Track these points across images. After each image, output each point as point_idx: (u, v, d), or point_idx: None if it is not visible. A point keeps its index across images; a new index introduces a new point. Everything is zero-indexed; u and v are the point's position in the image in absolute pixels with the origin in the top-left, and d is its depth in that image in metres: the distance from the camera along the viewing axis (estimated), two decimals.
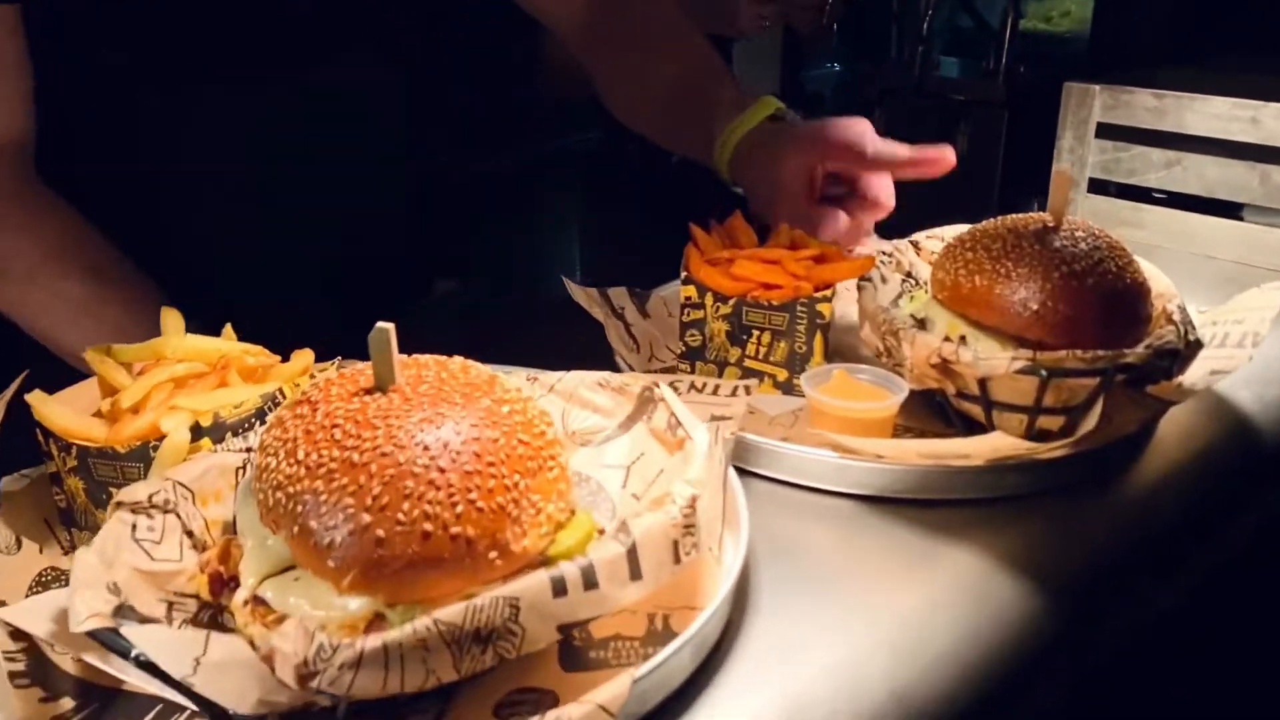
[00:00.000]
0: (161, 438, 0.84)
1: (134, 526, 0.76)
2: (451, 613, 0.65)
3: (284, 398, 0.91)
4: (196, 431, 0.85)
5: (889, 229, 1.44)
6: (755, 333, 1.19)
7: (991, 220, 1.15)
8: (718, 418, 0.95)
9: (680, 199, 1.43)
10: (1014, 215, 1.15)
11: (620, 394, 0.95)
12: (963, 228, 1.33)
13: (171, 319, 0.97)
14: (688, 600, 0.84)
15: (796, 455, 1.02)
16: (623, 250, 1.92)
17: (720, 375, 1.22)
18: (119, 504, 0.77)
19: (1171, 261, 1.26)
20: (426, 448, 0.71)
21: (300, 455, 0.72)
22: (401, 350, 0.81)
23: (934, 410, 1.14)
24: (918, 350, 1.04)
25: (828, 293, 1.17)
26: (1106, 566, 0.97)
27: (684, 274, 1.21)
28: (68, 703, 0.74)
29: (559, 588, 0.68)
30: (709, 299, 1.19)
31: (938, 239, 1.36)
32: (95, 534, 0.83)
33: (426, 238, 1.59)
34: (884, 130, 1.36)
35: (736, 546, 0.86)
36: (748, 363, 1.21)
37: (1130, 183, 1.75)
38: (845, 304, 1.32)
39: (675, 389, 1.02)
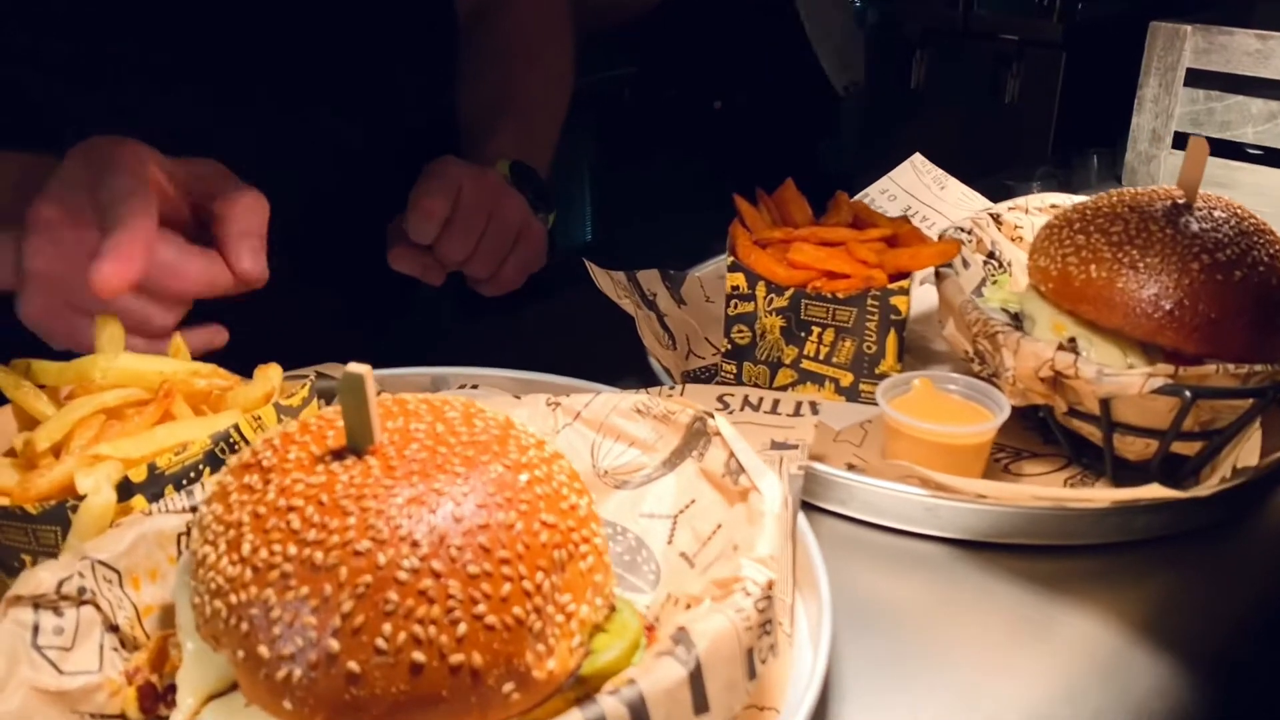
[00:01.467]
0: (83, 495, 0.66)
1: (35, 629, 0.58)
2: None
3: (240, 438, 0.72)
4: (125, 488, 0.66)
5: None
6: (816, 329, 1.00)
7: (1105, 195, 0.95)
8: (779, 445, 0.77)
9: (722, 156, 1.24)
10: (1133, 190, 0.95)
11: (664, 423, 0.76)
12: (1055, 197, 1.14)
13: (108, 330, 0.77)
14: (755, 697, 0.66)
15: (874, 490, 0.84)
16: (648, 217, 1.72)
17: (773, 378, 1.03)
18: (16, 599, 0.58)
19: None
20: (415, 543, 0.52)
21: (245, 550, 0.53)
22: (388, 338, 0.63)
23: (1031, 425, 0.95)
24: (1023, 360, 0.85)
25: (904, 284, 0.97)
26: (1266, 623, 0.79)
27: (730, 259, 1.02)
28: None
29: None
30: (760, 289, 1.00)
31: (1021, 210, 1.16)
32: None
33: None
34: (924, 78, 1.18)
35: (815, 623, 0.68)
36: (806, 364, 1.02)
37: (1223, 137, 1.54)
38: (915, 287, 1.13)
39: (725, 404, 0.84)
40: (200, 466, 0.70)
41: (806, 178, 1.12)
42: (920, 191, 1.35)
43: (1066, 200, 1.14)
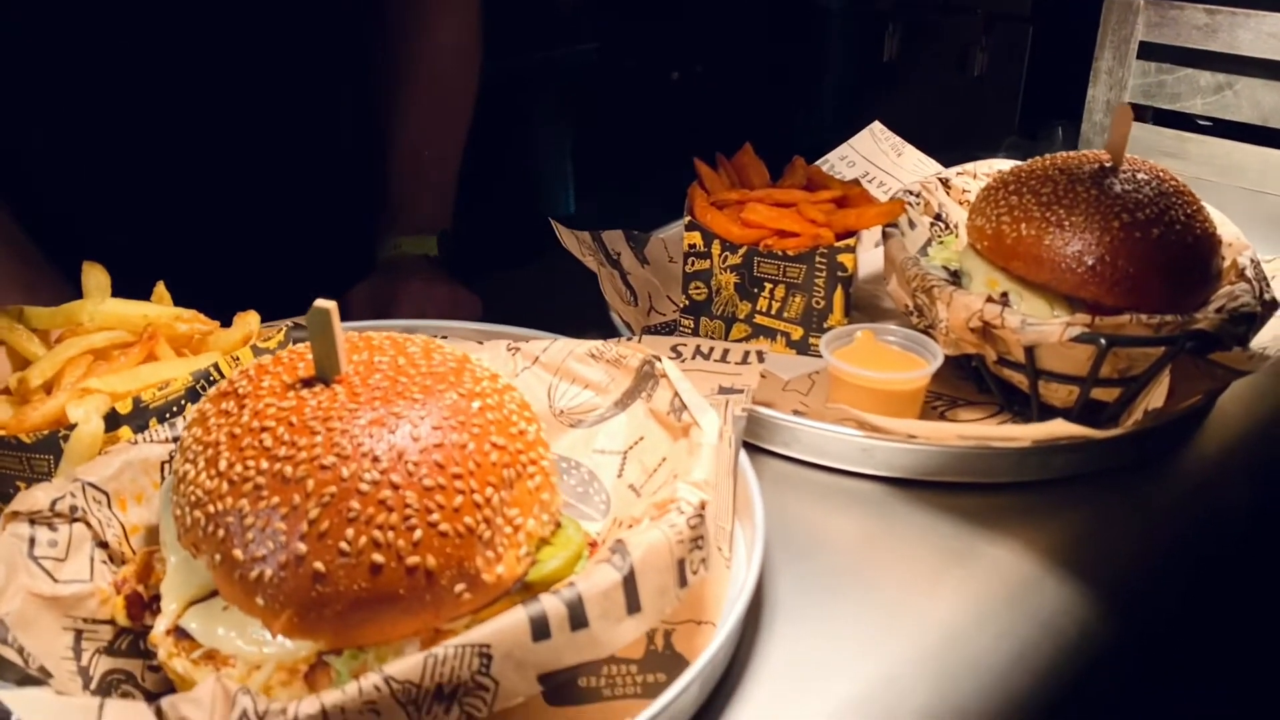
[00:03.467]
0: (74, 425, 0.71)
1: (31, 541, 0.63)
2: (407, 667, 0.53)
3: (220, 376, 0.78)
4: (113, 419, 0.72)
5: None
6: (768, 286, 1.06)
7: (1039, 159, 1.01)
8: (726, 390, 0.82)
9: (684, 124, 1.28)
10: (1065, 154, 1.01)
11: (616, 367, 0.82)
12: (1001, 163, 1.20)
13: (95, 276, 0.82)
14: (693, 612, 0.72)
15: (816, 432, 0.90)
16: (617, 182, 1.77)
17: (728, 332, 1.09)
18: (13, 514, 0.64)
19: (1219, 198, 1.12)
20: (376, 458, 0.58)
21: (222, 465, 0.59)
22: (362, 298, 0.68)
23: (966, 375, 1.02)
24: (955, 312, 0.91)
25: (850, 242, 1.03)
26: (1168, 558, 0.86)
27: (688, 218, 1.07)
28: None
29: (540, 629, 0.55)
30: (716, 247, 1.05)
31: (970, 175, 1.22)
32: None
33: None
34: (897, 51, 1.23)
35: (750, 546, 0.74)
36: (759, 319, 1.08)
37: (1174, 109, 1.60)
38: (866, 250, 1.19)
39: (678, 354, 0.89)
40: (182, 401, 0.76)
41: (777, 148, 1.17)
42: (878, 158, 1.41)
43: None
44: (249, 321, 0.84)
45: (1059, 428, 0.81)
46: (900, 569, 0.81)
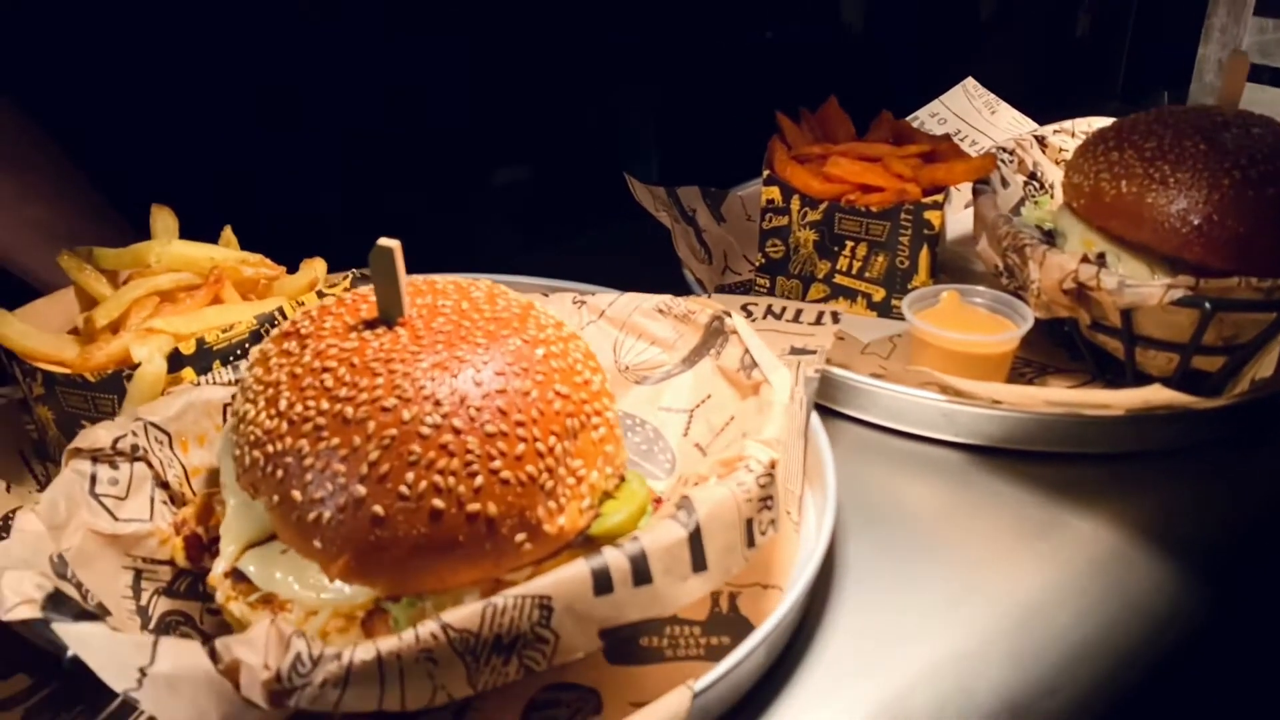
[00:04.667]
0: (139, 364, 0.71)
1: (93, 479, 0.63)
2: (466, 615, 0.51)
3: (284, 320, 0.76)
4: (176, 360, 0.71)
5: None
6: (849, 244, 1.02)
7: (1143, 112, 0.95)
8: (799, 350, 0.79)
9: (771, 83, 1.24)
10: (1172, 106, 0.94)
11: (684, 323, 0.80)
12: (1101, 121, 1.14)
13: (162, 219, 0.82)
14: (760, 575, 0.69)
15: (894, 396, 0.86)
16: (705, 143, 1.74)
17: (805, 292, 1.05)
18: (76, 451, 0.64)
19: None
20: (438, 402, 0.56)
21: (282, 405, 0.58)
22: (438, 254, 0.68)
23: (1059, 340, 0.96)
24: (1048, 272, 0.86)
25: (938, 198, 0.98)
26: (1270, 539, 0.80)
27: (766, 172, 1.04)
28: (21, 681, 0.63)
29: (602, 583, 0.53)
30: (795, 203, 1.02)
31: (1067, 134, 1.16)
32: None
33: (481, 118, 1.41)
34: (994, 10, 1.16)
35: (821, 511, 0.71)
36: (838, 279, 1.04)
37: None
38: (955, 211, 1.14)
39: (749, 313, 0.86)
40: (246, 344, 0.75)
41: (867, 110, 1.13)
42: (970, 116, 1.35)
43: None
44: (315, 267, 0.83)
45: (1156, 394, 0.76)
46: (979, 539, 0.77)
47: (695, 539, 0.56)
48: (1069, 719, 0.66)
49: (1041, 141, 1.14)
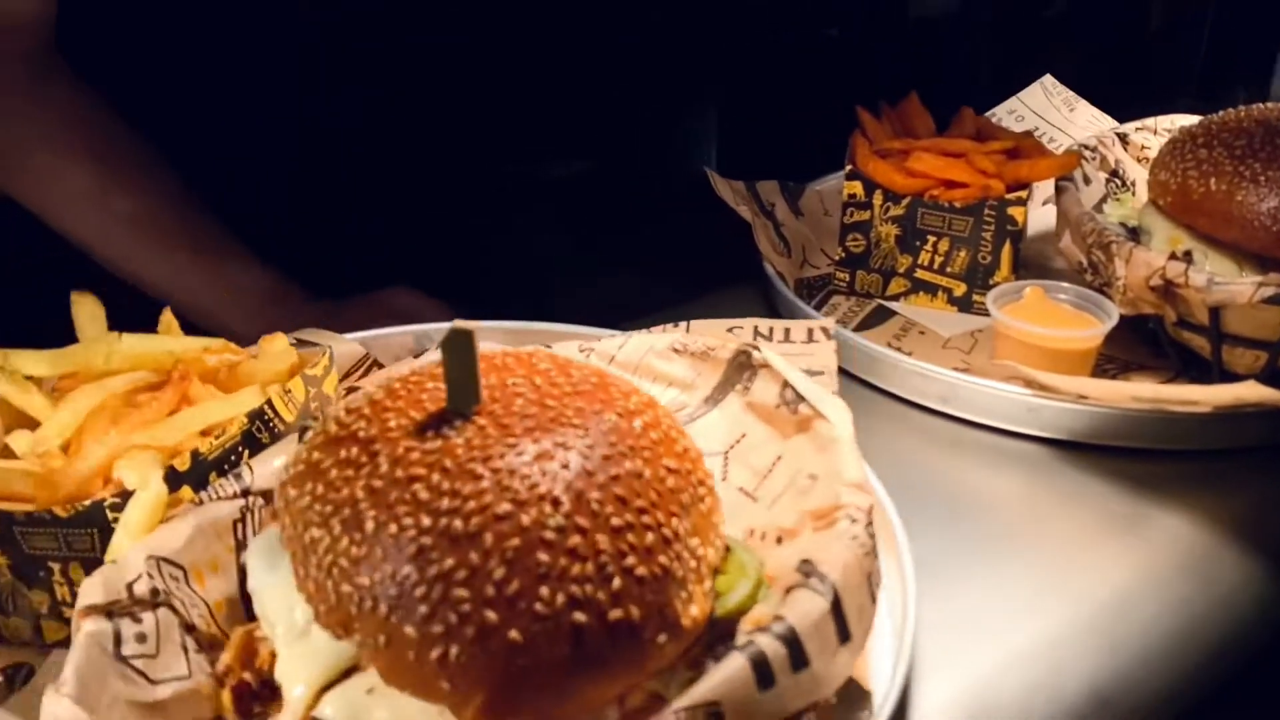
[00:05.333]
0: (122, 492, 0.60)
1: (117, 638, 0.53)
2: None
3: (275, 415, 0.68)
4: (173, 478, 0.61)
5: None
6: (931, 239, 1.02)
7: (1232, 110, 0.95)
8: (809, 372, 0.73)
9: (840, 81, 1.25)
10: (1262, 105, 0.94)
11: (703, 360, 0.73)
12: (1185, 118, 1.13)
13: (87, 307, 0.69)
14: None
15: (978, 390, 0.87)
16: (766, 138, 1.74)
17: (885, 286, 1.06)
18: (88, 610, 0.54)
19: None
20: (556, 500, 0.50)
21: (369, 527, 0.50)
22: (497, 258, 0.71)
23: (1142, 337, 0.96)
24: (1134, 269, 0.86)
25: (1022, 194, 0.99)
26: None
27: (848, 167, 1.04)
28: None
29: (764, 675, 0.49)
30: (878, 197, 1.03)
31: (1150, 131, 1.16)
32: (28, 621, 0.63)
33: (544, 113, 1.43)
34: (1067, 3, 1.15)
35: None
36: (919, 273, 1.04)
37: None
38: (1035, 207, 1.14)
39: (735, 335, 0.79)
40: (239, 448, 0.66)
41: (939, 107, 1.13)
42: (1049, 113, 1.34)
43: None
44: (282, 347, 0.73)
45: (1250, 391, 0.76)
46: (1064, 533, 0.78)
47: (837, 607, 0.52)
48: (1156, 711, 0.67)
49: (1123, 139, 1.14)
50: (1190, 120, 1.13)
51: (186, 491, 0.62)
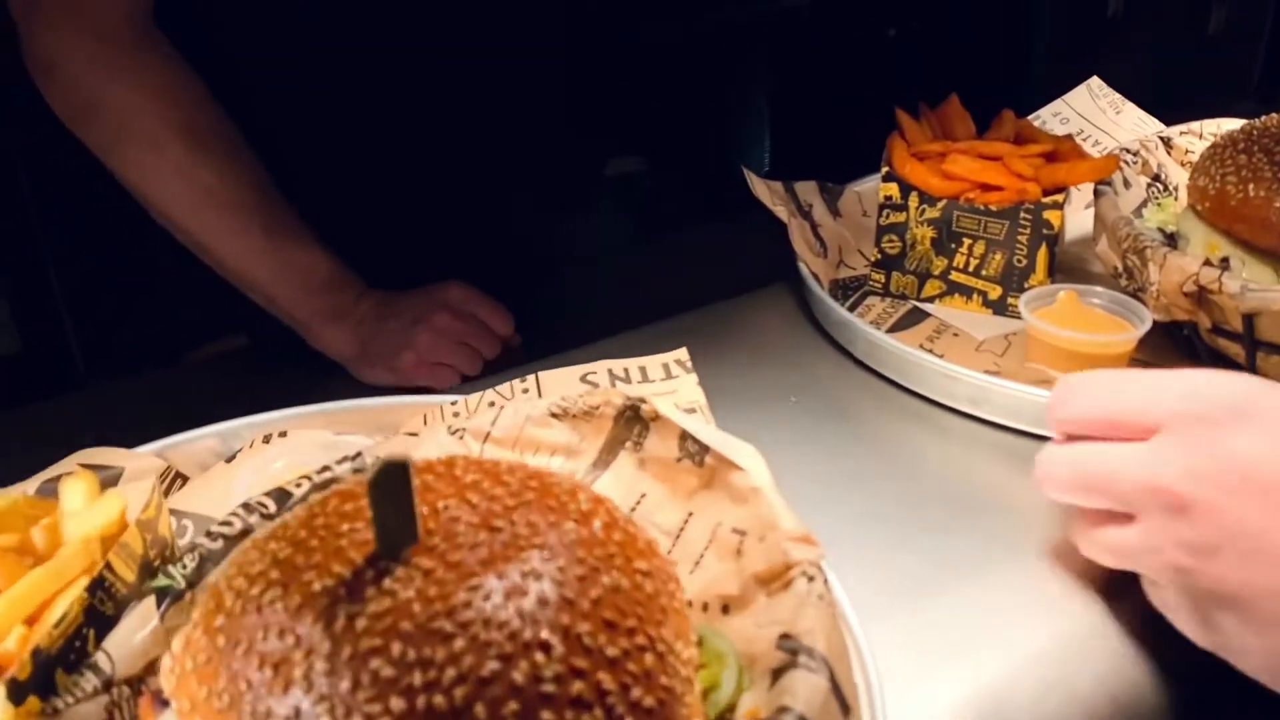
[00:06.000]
0: None
1: None
2: None
3: (115, 578, 0.56)
4: (15, 691, 0.49)
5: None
6: (967, 241, 1.02)
7: (1275, 115, 0.94)
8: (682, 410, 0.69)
9: (891, 82, 1.26)
10: None
11: (586, 421, 0.67)
12: (1230, 123, 1.12)
13: None
14: None
15: (1009, 393, 0.87)
16: (818, 139, 1.75)
17: (921, 288, 1.06)
18: None
19: None
20: (545, 644, 0.43)
21: None
22: (548, 256, 0.67)
23: (1178, 345, 0.96)
24: (1168, 274, 0.86)
25: (1058, 198, 0.98)
26: None
27: (885, 169, 1.05)
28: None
29: None
30: (913, 199, 1.03)
31: (1195, 135, 1.14)
32: None
33: (594, 117, 1.45)
34: (1123, 5, 1.14)
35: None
36: (954, 275, 1.05)
37: None
38: (1076, 212, 1.13)
39: (590, 381, 0.76)
40: (84, 631, 0.53)
41: (990, 110, 1.13)
42: (1095, 116, 1.33)
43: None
44: (92, 492, 0.63)
45: None
46: None
47: (834, 682, 0.50)
48: (1175, 715, 0.67)
49: (1167, 143, 1.13)
50: (1234, 124, 1.12)
51: (33, 703, 0.49)
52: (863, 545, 0.75)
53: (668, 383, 0.73)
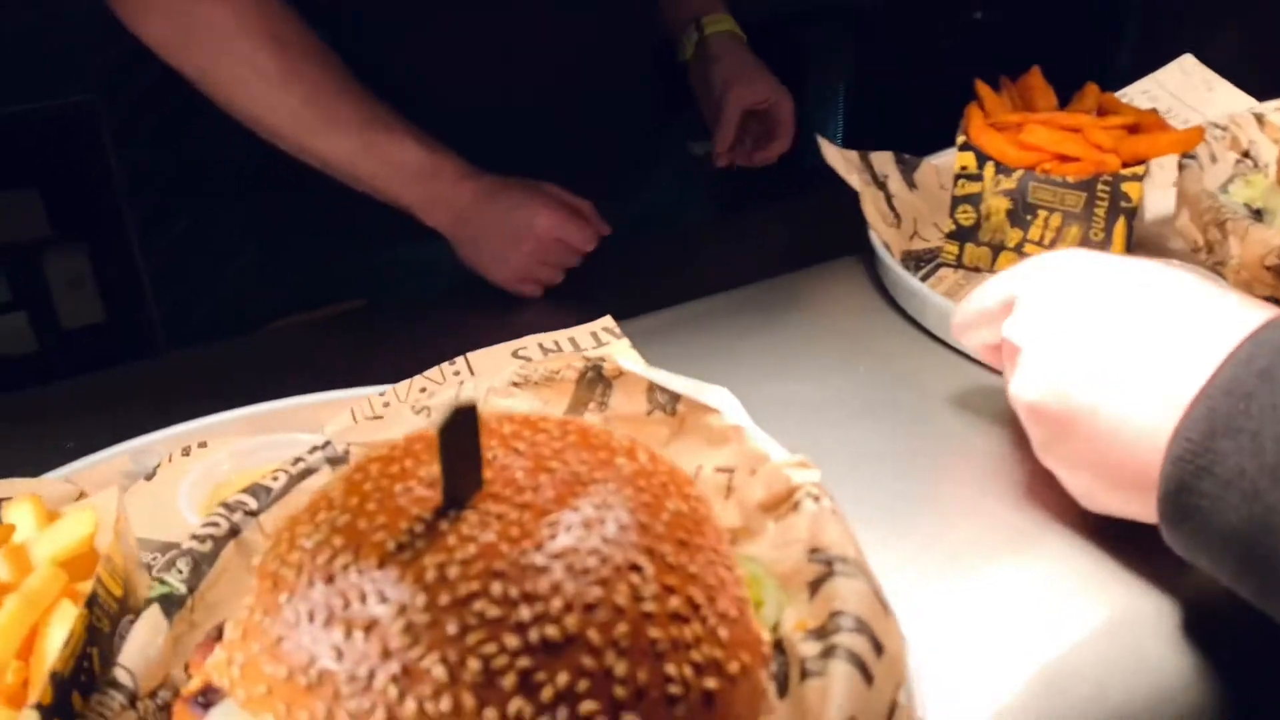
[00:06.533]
0: None
1: None
2: None
3: (107, 592, 0.54)
4: (46, 716, 0.47)
5: None
6: (1042, 213, 1.01)
7: None
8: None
9: (975, 64, 1.25)
10: None
11: (548, 387, 0.67)
12: None
13: None
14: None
15: None
16: (894, 123, 1.73)
17: (994, 259, 1.05)
18: None
19: None
20: (638, 567, 0.44)
21: (439, 674, 0.41)
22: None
23: None
24: (1249, 247, 0.83)
25: (1138, 169, 0.96)
26: None
27: (961, 138, 1.04)
28: None
29: (866, 674, 0.47)
30: (989, 170, 1.01)
31: None
32: None
33: (672, 96, 1.47)
34: None
35: None
36: (1029, 248, 1.03)
37: None
38: (1160, 187, 1.11)
39: (522, 356, 0.76)
40: (88, 649, 0.52)
41: (1066, 84, 1.11)
42: (1185, 93, 1.30)
43: None
44: (39, 513, 0.61)
45: None
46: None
47: (869, 577, 0.51)
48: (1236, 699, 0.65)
49: (1260, 119, 1.09)
50: None
51: None
52: (931, 513, 0.76)
53: (599, 350, 0.72)
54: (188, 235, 1.66)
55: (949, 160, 1.21)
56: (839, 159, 1.09)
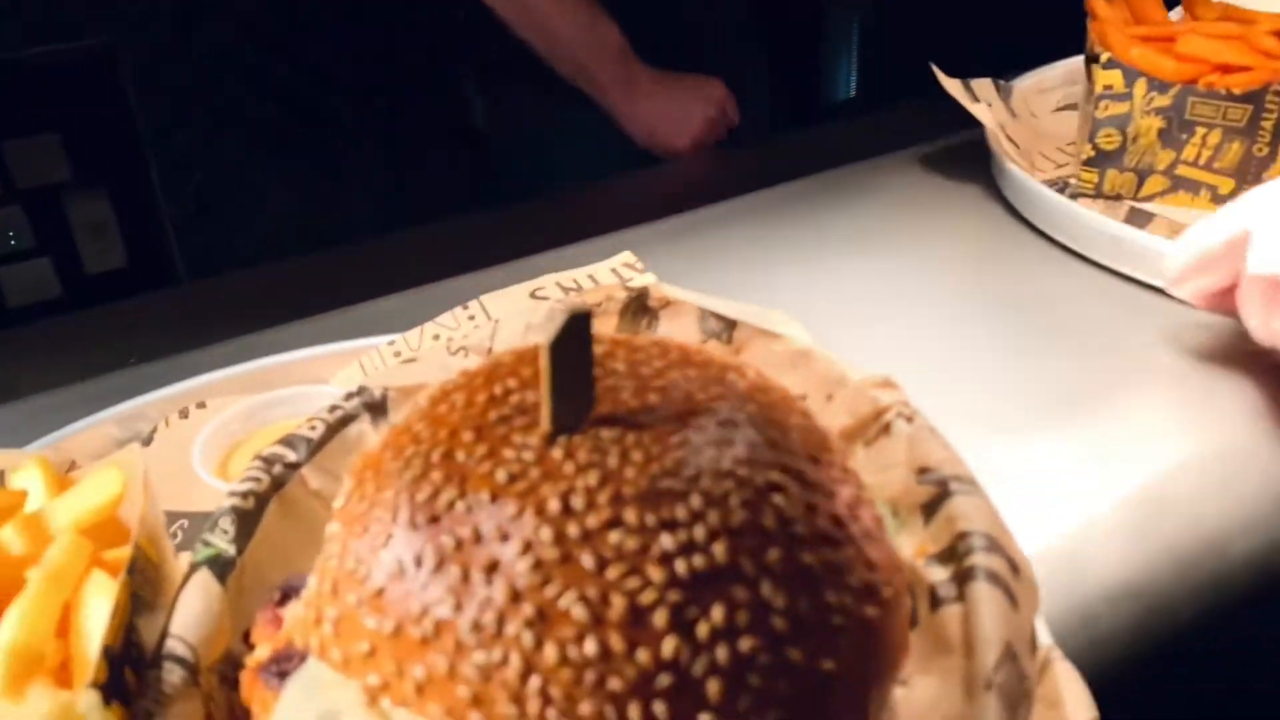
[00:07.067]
0: None
1: None
2: None
3: (147, 560, 0.51)
4: (104, 693, 0.42)
5: None
6: (1200, 130, 0.93)
7: None
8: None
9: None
10: None
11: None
12: None
13: None
14: None
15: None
16: (913, 46, 1.67)
17: (1139, 185, 0.97)
18: None
19: None
20: (779, 488, 0.39)
21: (578, 614, 0.35)
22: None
23: None
24: None
25: None
26: None
27: (1103, 54, 0.95)
28: None
29: (1010, 594, 0.44)
30: (1140, 87, 0.93)
31: None
32: None
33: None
34: None
35: None
36: (1181, 169, 0.96)
37: None
38: None
39: (541, 298, 0.74)
40: (133, 622, 0.48)
41: None
42: None
43: None
44: (49, 478, 0.57)
45: None
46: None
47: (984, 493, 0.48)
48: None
49: None
50: None
51: (118, 710, 0.43)
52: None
53: (624, 286, 0.66)
54: (210, 180, 1.66)
55: (1028, 85, 1.14)
56: (958, 88, 1.01)
